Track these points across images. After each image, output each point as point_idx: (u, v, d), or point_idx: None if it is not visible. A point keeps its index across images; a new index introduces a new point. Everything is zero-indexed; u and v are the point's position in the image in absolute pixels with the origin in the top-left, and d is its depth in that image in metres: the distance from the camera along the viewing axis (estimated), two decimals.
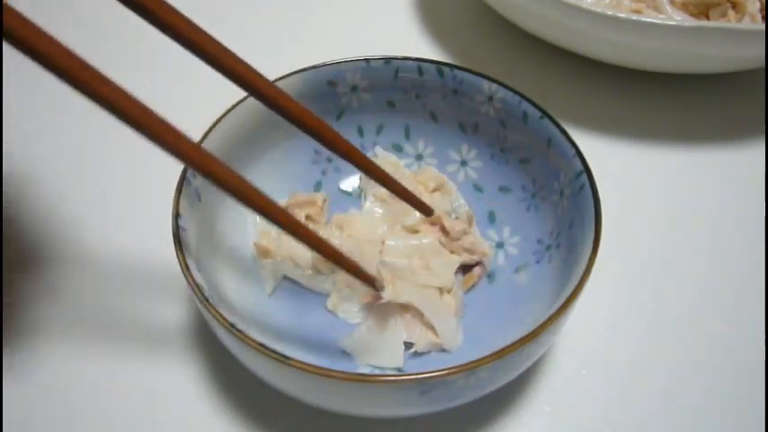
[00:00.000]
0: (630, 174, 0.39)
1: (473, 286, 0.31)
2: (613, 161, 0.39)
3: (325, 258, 0.25)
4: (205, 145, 0.29)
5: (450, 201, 0.33)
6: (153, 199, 0.36)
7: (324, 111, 0.34)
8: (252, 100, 0.30)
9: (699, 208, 0.37)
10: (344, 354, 0.29)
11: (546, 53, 0.46)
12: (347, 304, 0.30)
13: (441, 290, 0.30)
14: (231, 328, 0.23)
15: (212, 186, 0.29)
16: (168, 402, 0.29)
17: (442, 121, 0.34)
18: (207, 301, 0.24)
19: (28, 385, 0.29)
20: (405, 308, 0.29)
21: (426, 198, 0.32)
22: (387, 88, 0.34)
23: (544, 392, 0.29)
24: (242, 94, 0.30)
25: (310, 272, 0.31)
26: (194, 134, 0.29)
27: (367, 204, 0.33)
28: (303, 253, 0.31)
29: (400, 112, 0.35)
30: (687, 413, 0.29)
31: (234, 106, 0.30)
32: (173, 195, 0.27)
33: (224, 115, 0.30)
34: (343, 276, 0.30)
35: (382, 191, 0.32)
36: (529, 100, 0.31)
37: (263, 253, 0.32)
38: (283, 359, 0.22)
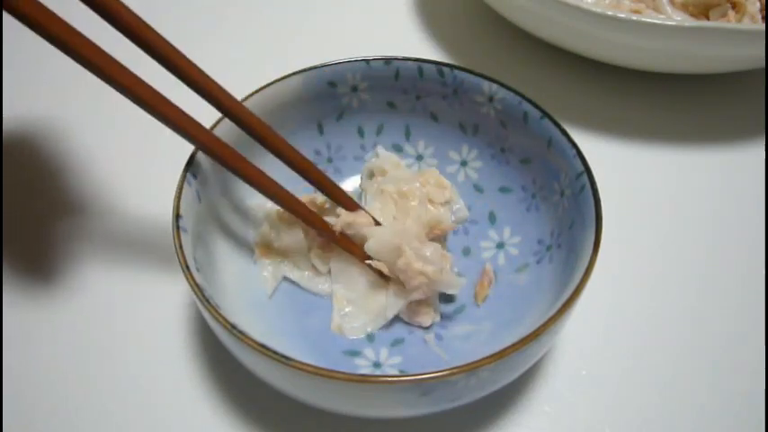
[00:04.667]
0: (630, 174, 0.39)
1: (485, 298, 0.31)
2: (613, 161, 0.39)
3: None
4: None
5: (449, 210, 0.33)
6: (153, 199, 0.36)
7: (324, 111, 0.34)
8: (251, 101, 0.31)
9: (699, 208, 0.37)
10: (345, 354, 0.29)
11: (546, 53, 0.46)
12: (351, 322, 0.30)
13: None
14: (231, 328, 0.23)
15: (212, 187, 0.29)
16: (168, 403, 0.29)
17: (443, 122, 0.34)
18: (207, 301, 0.24)
19: None
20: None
21: (432, 210, 0.32)
22: (387, 89, 0.34)
23: (544, 393, 0.29)
24: (242, 95, 0.30)
25: (310, 273, 0.32)
26: None
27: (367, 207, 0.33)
28: (303, 255, 0.32)
29: (400, 112, 0.35)
30: (687, 413, 0.29)
31: None
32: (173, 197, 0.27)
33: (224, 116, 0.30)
34: (341, 294, 0.30)
35: (384, 192, 0.32)
36: (529, 100, 0.31)
37: (264, 254, 0.32)
38: (284, 360, 0.22)
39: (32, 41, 0.20)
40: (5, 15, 0.19)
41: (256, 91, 0.31)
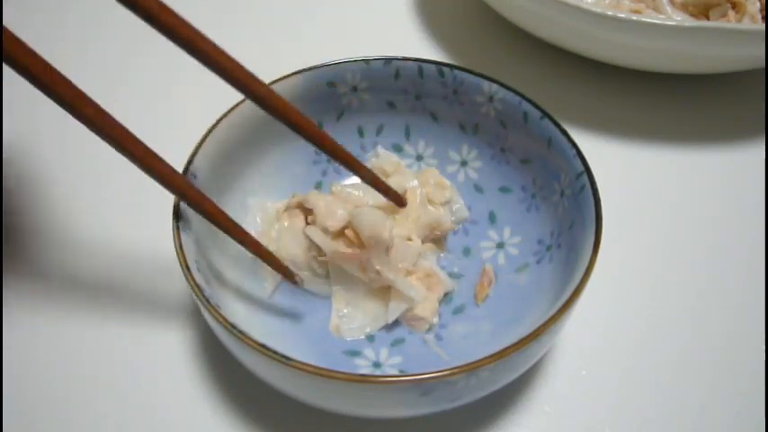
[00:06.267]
0: (630, 174, 0.39)
1: (485, 298, 0.31)
2: (614, 161, 0.39)
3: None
4: (206, 145, 0.29)
5: (448, 210, 0.33)
6: (153, 198, 0.36)
7: (324, 111, 0.34)
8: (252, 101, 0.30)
9: (699, 208, 0.37)
10: (345, 354, 0.29)
11: (546, 53, 0.46)
12: (349, 323, 0.30)
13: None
14: (231, 328, 0.23)
15: (212, 187, 0.29)
16: (168, 403, 0.29)
17: (443, 122, 0.34)
18: (207, 301, 0.24)
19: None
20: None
21: (432, 210, 0.32)
22: (387, 89, 0.34)
23: (544, 393, 0.29)
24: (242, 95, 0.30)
25: (309, 273, 0.32)
26: (195, 135, 0.29)
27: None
28: (302, 255, 0.31)
29: (400, 112, 0.35)
30: (687, 413, 0.29)
31: (235, 106, 0.30)
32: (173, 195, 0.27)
33: (225, 115, 0.30)
34: (340, 295, 0.30)
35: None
36: (529, 100, 0.31)
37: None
38: (285, 360, 0.22)
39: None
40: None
41: None
